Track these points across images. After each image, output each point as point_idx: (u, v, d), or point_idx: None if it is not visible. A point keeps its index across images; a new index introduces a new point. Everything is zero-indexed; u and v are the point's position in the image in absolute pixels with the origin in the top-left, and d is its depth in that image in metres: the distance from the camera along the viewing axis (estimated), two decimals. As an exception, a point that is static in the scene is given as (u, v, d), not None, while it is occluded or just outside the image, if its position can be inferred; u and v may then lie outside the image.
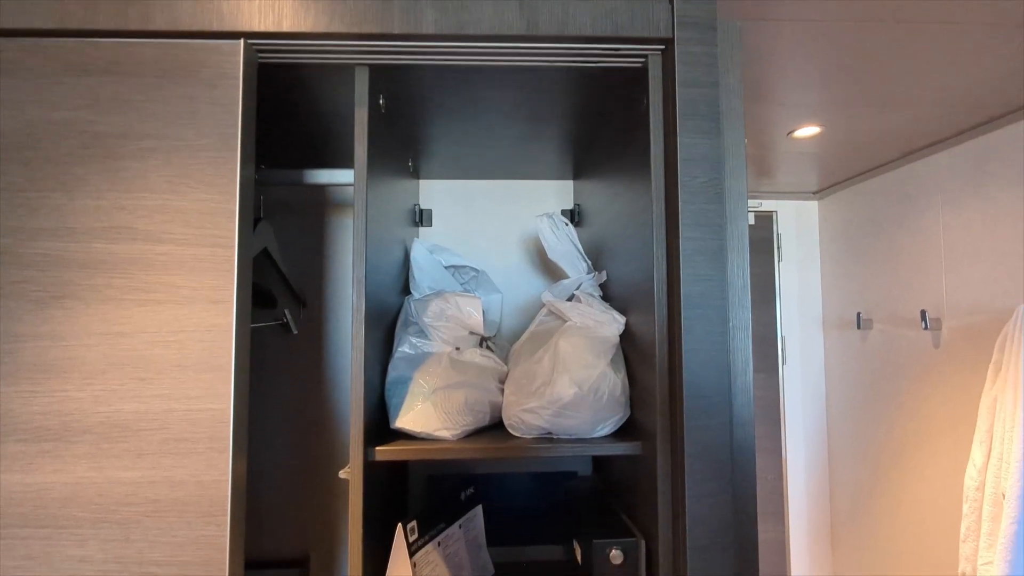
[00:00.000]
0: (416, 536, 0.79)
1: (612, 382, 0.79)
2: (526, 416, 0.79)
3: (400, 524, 0.77)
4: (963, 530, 1.42)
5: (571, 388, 0.77)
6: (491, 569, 0.98)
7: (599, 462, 1.06)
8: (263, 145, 1.01)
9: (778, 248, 1.93)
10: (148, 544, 0.65)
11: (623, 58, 0.74)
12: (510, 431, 0.83)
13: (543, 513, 1.07)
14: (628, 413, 0.82)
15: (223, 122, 0.68)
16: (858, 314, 1.64)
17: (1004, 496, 1.30)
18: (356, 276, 0.73)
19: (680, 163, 0.68)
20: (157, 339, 0.66)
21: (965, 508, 1.41)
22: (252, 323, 1.06)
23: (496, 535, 1.01)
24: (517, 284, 1.28)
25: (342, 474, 0.76)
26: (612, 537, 0.75)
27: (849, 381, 1.64)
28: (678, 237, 0.68)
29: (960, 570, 1.44)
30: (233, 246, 0.66)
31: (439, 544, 0.84)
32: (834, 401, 1.68)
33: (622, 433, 0.82)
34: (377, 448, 0.76)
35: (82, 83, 0.68)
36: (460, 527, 0.91)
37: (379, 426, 0.84)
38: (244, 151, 0.69)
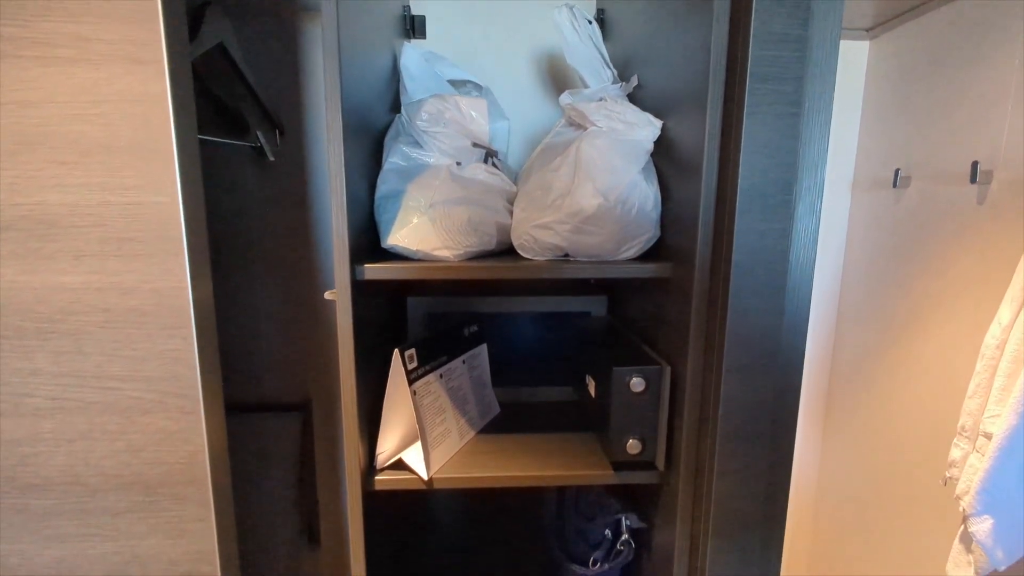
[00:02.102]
0: (416, 364, 0.72)
1: (643, 193, 0.66)
2: (539, 233, 0.68)
3: (397, 349, 0.69)
4: (972, 387, 1.40)
5: (595, 198, 0.64)
6: (496, 408, 0.93)
7: (616, 300, 0.98)
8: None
9: (816, 98, 1.70)
10: (106, 358, 0.56)
11: None
12: (520, 253, 0.72)
13: (553, 355, 1.00)
14: (658, 233, 0.70)
15: None
16: (896, 171, 1.48)
17: (1028, 353, 1.25)
18: (327, 48, 0.57)
19: None
20: (74, 111, 0.52)
21: (979, 366, 1.37)
22: (217, 137, 0.91)
23: (502, 376, 0.95)
24: (527, 112, 1.10)
25: (328, 295, 0.66)
26: (633, 365, 0.67)
27: (873, 244, 1.51)
28: (751, -20, 0.51)
29: (960, 424, 1.45)
30: (153, -20, 0.49)
31: (441, 376, 0.78)
32: (852, 267, 1.58)
33: (649, 256, 0.72)
34: (367, 266, 0.65)
35: None
36: (464, 362, 0.85)
37: (369, 250, 0.73)
38: None
